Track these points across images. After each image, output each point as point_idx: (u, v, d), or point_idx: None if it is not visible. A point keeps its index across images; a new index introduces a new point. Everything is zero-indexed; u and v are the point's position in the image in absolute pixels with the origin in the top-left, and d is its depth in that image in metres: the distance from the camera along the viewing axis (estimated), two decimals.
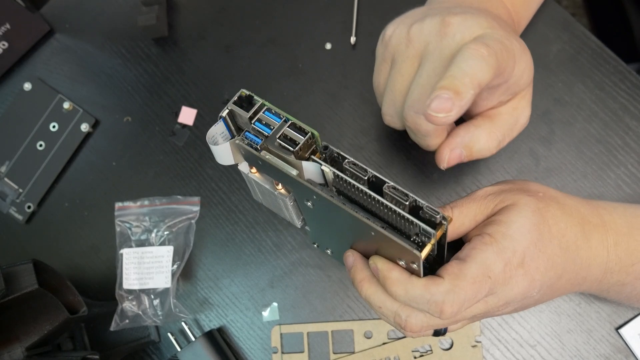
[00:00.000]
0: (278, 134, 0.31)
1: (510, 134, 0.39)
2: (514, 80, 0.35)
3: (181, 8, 0.55)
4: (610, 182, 0.47)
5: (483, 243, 0.33)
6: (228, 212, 0.51)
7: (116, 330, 0.47)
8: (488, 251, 0.33)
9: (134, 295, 0.48)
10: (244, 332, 0.49)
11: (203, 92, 0.53)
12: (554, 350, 0.46)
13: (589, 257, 0.37)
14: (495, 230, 0.34)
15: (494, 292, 0.33)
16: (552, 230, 0.35)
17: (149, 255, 0.48)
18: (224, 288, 0.50)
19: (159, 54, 0.55)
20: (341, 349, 0.47)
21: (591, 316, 0.46)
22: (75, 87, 0.55)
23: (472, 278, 0.32)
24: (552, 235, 0.35)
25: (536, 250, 0.34)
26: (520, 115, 0.38)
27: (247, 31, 0.54)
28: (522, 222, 0.34)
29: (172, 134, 0.53)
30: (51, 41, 0.56)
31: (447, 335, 0.46)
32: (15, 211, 0.53)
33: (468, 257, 0.33)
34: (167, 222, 0.50)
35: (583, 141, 0.48)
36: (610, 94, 0.48)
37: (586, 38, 0.49)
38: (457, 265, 0.33)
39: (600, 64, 0.49)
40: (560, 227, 0.35)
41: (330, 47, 0.52)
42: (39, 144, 0.53)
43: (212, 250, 0.51)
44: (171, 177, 0.52)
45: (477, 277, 0.32)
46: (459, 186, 0.48)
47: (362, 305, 0.48)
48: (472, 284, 0.32)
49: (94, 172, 0.53)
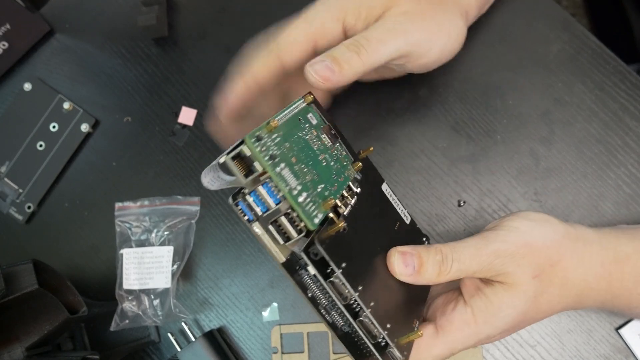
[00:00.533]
0: (271, 220, 0.28)
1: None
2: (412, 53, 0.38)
3: (181, 8, 0.55)
4: (610, 182, 0.47)
5: (463, 322, 0.34)
6: (228, 212, 0.51)
7: (116, 330, 0.47)
8: (464, 331, 0.34)
9: (134, 296, 0.48)
10: (244, 332, 0.49)
11: (203, 92, 0.53)
12: (554, 351, 0.46)
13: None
14: (479, 309, 0.34)
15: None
16: (540, 308, 0.35)
17: (149, 255, 0.48)
18: (224, 288, 0.50)
19: (159, 54, 0.55)
20: (341, 349, 0.47)
21: (591, 316, 0.46)
22: (75, 87, 0.55)
23: (438, 355, 0.34)
24: (538, 311, 0.35)
25: (511, 330, 0.35)
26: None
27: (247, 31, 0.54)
28: (509, 312, 0.34)
29: (172, 134, 0.53)
30: (51, 41, 0.56)
31: None
32: (15, 211, 0.53)
33: (442, 329, 0.34)
34: (167, 222, 0.50)
35: (583, 141, 0.48)
36: (610, 94, 0.48)
37: (586, 38, 0.49)
38: (428, 340, 0.34)
39: (600, 64, 0.49)
40: (552, 304, 0.35)
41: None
42: (39, 144, 0.53)
43: (212, 250, 0.51)
44: (171, 177, 0.52)
45: (443, 354, 0.34)
46: (458, 186, 0.48)
47: None
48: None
49: (94, 172, 0.53)
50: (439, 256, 0.33)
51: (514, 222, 0.35)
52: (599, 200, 0.47)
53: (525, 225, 0.35)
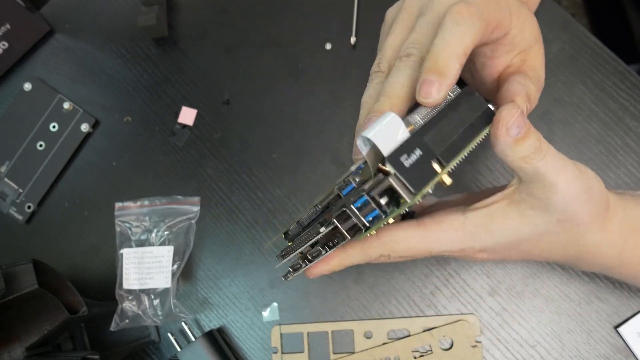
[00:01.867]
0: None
1: (539, 91, 0.37)
2: (516, 33, 0.34)
3: (181, 8, 0.55)
4: (610, 182, 0.47)
5: (450, 226, 0.34)
6: (228, 212, 0.51)
7: (116, 330, 0.47)
8: (449, 235, 0.34)
9: (134, 295, 0.48)
10: (244, 332, 0.49)
11: (203, 92, 0.53)
12: (554, 351, 0.46)
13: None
14: (473, 220, 0.34)
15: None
16: (538, 246, 0.35)
17: (149, 255, 0.48)
18: (224, 288, 0.50)
19: (159, 54, 0.55)
20: (341, 349, 0.47)
21: (591, 316, 0.46)
22: (75, 87, 0.55)
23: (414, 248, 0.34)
24: (535, 247, 0.35)
25: (498, 252, 0.35)
26: (540, 75, 0.37)
27: (247, 31, 0.54)
28: (506, 234, 0.34)
29: (172, 134, 0.53)
30: (51, 41, 0.56)
31: (447, 336, 0.46)
32: (15, 211, 0.53)
33: (424, 226, 0.34)
34: (167, 222, 0.50)
35: (583, 141, 0.48)
36: (610, 94, 0.48)
37: (586, 38, 0.49)
38: (408, 230, 0.34)
39: (600, 64, 0.49)
40: (552, 249, 0.35)
41: (330, 47, 0.52)
42: (39, 144, 0.53)
43: (212, 250, 0.51)
44: (171, 177, 0.52)
45: (418, 247, 0.34)
46: (460, 184, 0.48)
47: (362, 305, 0.48)
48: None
49: (94, 172, 0.53)
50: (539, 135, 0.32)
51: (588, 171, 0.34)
52: None
53: (593, 176, 0.34)
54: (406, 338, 0.47)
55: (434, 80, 0.29)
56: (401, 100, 0.31)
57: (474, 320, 0.46)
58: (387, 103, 0.31)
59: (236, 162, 0.52)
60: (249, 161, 0.52)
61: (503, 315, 0.46)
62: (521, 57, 0.36)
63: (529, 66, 0.36)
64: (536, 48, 0.36)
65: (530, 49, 0.36)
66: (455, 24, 0.30)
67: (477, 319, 0.46)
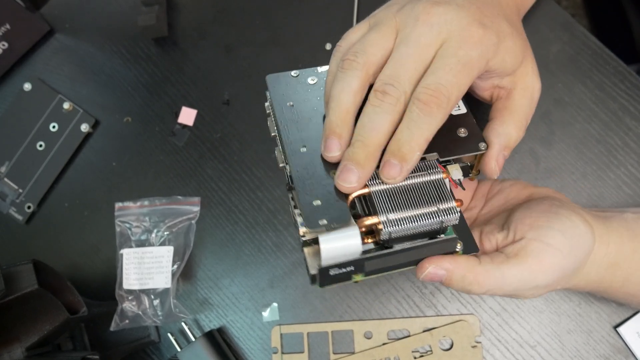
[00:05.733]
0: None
1: (531, 112, 0.39)
2: (498, 67, 0.35)
3: (181, 8, 0.55)
4: (610, 183, 0.47)
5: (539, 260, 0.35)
6: (228, 212, 0.51)
7: (116, 330, 0.47)
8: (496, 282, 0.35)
9: (134, 296, 0.48)
10: (244, 332, 0.49)
11: (203, 92, 0.53)
12: (554, 351, 0.46)
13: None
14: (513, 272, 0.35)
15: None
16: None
17: (149, 255, 0.48)
18: (224, 288, 0.50)
19: (159, 54, 0.55)
20: (341, 349, 0.47)
21: (591, 316, 0.46)
22: (75, 87, 0.55)
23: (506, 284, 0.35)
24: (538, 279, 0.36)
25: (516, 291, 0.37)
26: (533, 92, 0.38)
27: (247, 31, 0.54)
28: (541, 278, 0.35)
29: (172, 134, 0.53)
30: (51, 41, 0.56)
31: (447, 336, 0.46)
32: (15, 211, 0.53)
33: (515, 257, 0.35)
34: (167, 222, 0.50)
35: (583, 141, 0.48)
36: (610, 95, 0.48)
37: (586, 39, 0.49)
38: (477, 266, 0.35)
39: (600, 64, 0.49)
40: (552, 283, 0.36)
41: (330, 47, 0.52)
42: (39, 144, 0.53)
43: (212, 250, 0.51)
44: (171, 177, 0.52)
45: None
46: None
47: (362, 306, 0.48)
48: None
49: (94, 172, 0.53)
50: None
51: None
52: (599, 200, 0.47)
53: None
54: (406, 338, 0.47)
55: (396, 164, 0.31)
56: (378, 149, 0.31)
57: (473, 320, 0.47)
58: (362, 153, 0.31)
59: (236, 162, 0.52)
60: (249, 161, 0.52)
61: (503, 316, 0.46)
62: (510, 79, 0.37)
63: (516, 105, 0.37)
64: (525, 66, 0.37)
65: (516, 70, 0.37)
66: (423, 114, 0.31)
67: (477, 319, 0.46)
